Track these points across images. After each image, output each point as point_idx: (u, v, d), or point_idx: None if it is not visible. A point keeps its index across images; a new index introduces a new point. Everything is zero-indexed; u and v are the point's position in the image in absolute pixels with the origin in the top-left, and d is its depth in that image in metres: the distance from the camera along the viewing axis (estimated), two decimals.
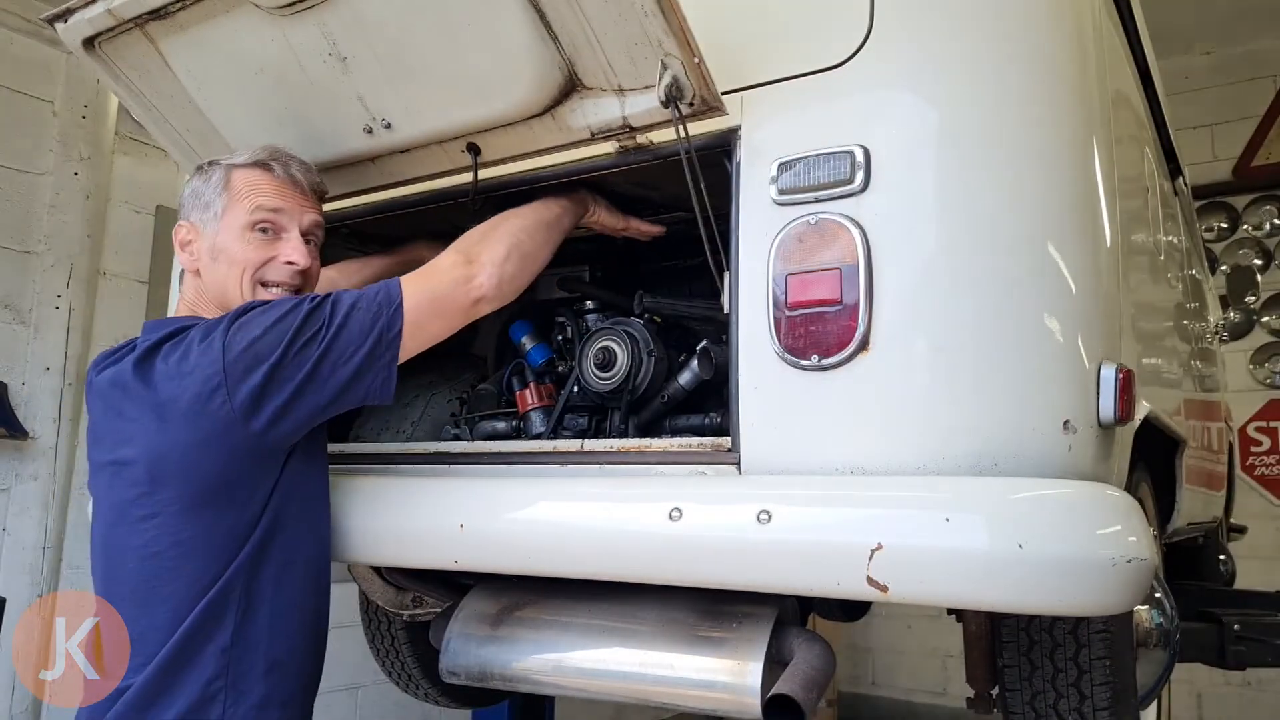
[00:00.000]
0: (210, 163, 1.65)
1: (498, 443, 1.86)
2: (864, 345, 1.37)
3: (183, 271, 1.68)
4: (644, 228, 1.95)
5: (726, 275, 1.52)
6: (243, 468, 1.43)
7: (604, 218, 1.86)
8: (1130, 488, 1.66)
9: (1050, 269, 1.42)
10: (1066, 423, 1.36)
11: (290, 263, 1.59)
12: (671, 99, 1.42)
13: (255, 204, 1.58)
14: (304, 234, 1.62)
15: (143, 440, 1.41)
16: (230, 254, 1.58)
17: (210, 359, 1.39)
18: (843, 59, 1.47)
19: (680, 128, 1.45)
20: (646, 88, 1.46)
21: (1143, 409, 1.71)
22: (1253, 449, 5.33)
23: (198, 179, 1.64)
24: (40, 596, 2.94)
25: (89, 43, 1.75)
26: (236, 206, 1.58)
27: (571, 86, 1.53)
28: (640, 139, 1.57)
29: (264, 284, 1.58)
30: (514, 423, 2.12)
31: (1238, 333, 5.43)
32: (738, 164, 1.51)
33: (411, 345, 1.49)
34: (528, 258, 1.61)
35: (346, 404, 1.48)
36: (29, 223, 3.15)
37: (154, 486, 1.40)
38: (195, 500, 1.40)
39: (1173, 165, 2.83)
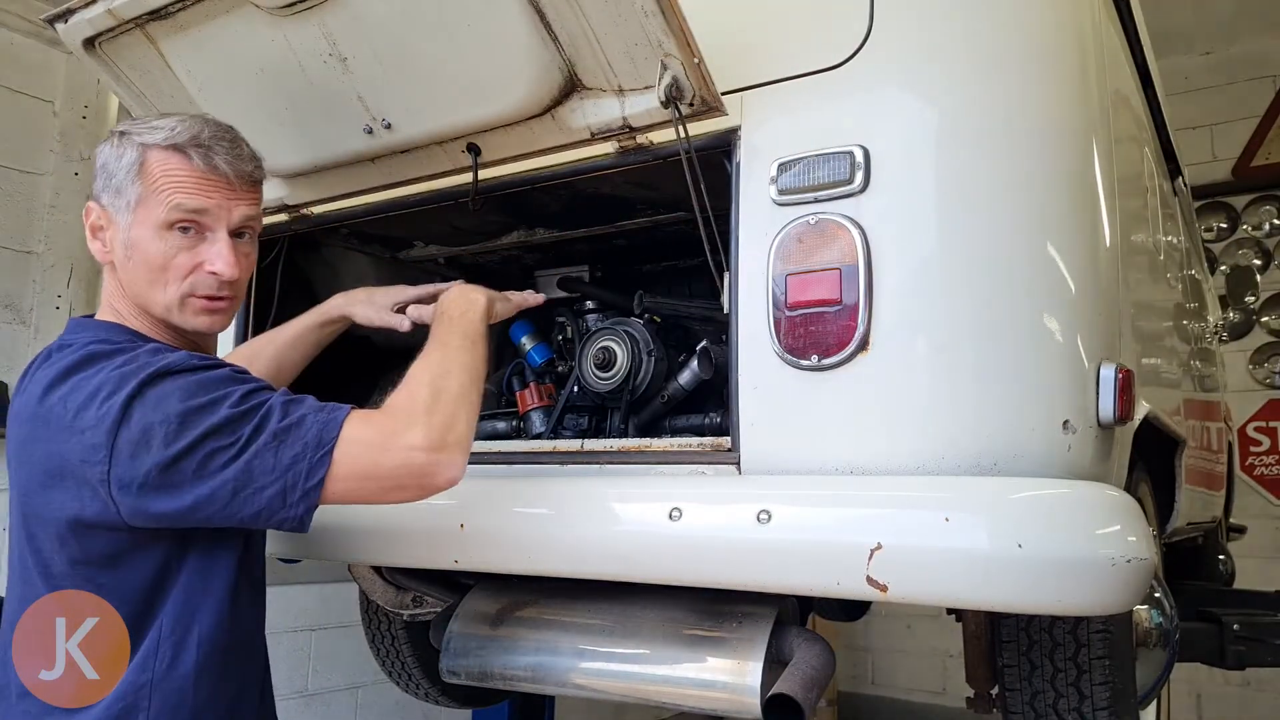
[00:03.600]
0: (123, 132, 1.37)
1: (498, 443, 1.86)
2: (864, 345, 1.37)
3: None
4: (530, 300, 1.77)
5: (726, 275, 1.52)
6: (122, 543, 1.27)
7: (500, 311, 1.64)
8: (1130, 488, 1.66)
9: (1050, 269, 1.42)
10: (1066, 422, 1.36)
11: (214, 273, 1.36)
12: (671, 99, 1.42)
13: (173, 201, 1.32)
14: (233, 232, 1.38)
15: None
16: (147, 255, 1.34)
17: (103, 425, 1.20)
18: (843, 59, 1.47)
19: (680, 128, 1.45)
20: (646, 88, 1.46)
21: (1142, 409, 1.71)
22: (1252, 449, 5.33)
23: (109, 149, 1.37)
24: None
25: (89, 43, 1.75)
26: (152, 200, 1.33)
27: (571, 87, 1.53)
28: (640, 139, 1.57)
29: (193, 297, 1.37)
30: (514, 423, 2.13)
31: (1237, 333, 5.44)
32: (737, 164, 1.52)
33: (334, 499, 1.25)
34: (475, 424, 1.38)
35: (248, 527, 1.29)
36: (29, 223, 3.15)
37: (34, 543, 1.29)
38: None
39: (1172, 165, 2.83)
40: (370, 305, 1.80)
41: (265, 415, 1.22)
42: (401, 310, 1.78)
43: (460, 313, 1.48)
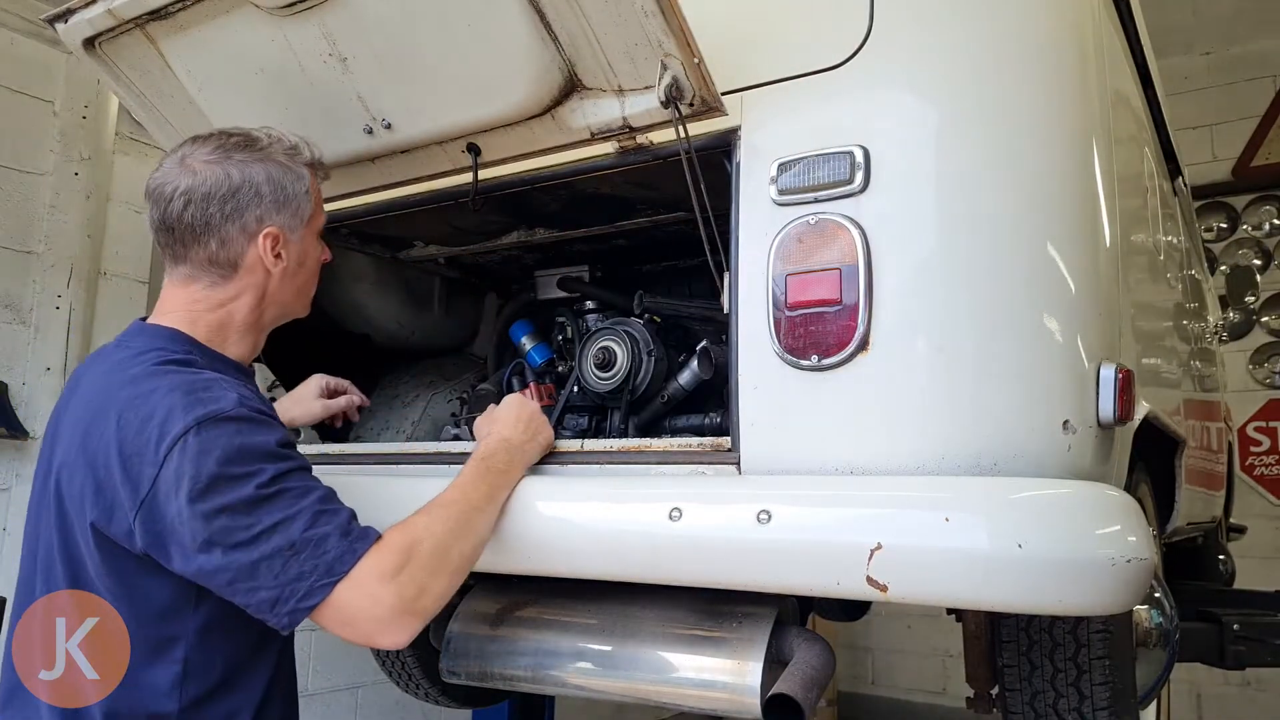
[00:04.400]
0: (292, 149, 1.47)
1: None
2: (863, 345, 1.37)
3: (186, 273, 1.41)
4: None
5: (726, 275, 1.52)
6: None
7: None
8: (1130, 488, 1.66)
9: (1050, 269, 1.42)
10: (1066, 423, 1.36)
11: (330, 260, 1.59)
12: (671, 99, 1.42)
13: (323, 216, 1.55)
14: None
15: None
16: (315, 258, 1.53)
17: (158, 455, 1.21)
18: (842, 59, 1.47)
19: (680, 128, 1.45)
20: (646, 88, 1.46)
21: (1142, 409, 1.71)
22: (1252, 449, 5.33)
23: (275, 169, 1.42)
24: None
25: (89, 43, 1.75)
26: (318, 216, 1.51)
27: (571, 87, 1.53)
28: (640, 139, 1.57)
29: None
30: None
31: (1237, 333, 5.44)
32: (737, 164, 1.51)
33: (315, 620, 1.23)
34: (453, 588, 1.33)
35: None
36: (29, 223, 3.15)
37: None
38: None
39: (1172, 165, 2.83)
40: (300, 408, 1.98)
41: (291, 515, 1.21)
42: (328, 393, 1.99)
43: (503, 466, 1.47)
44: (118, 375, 1.31)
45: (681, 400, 1.88)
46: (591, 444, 1.64)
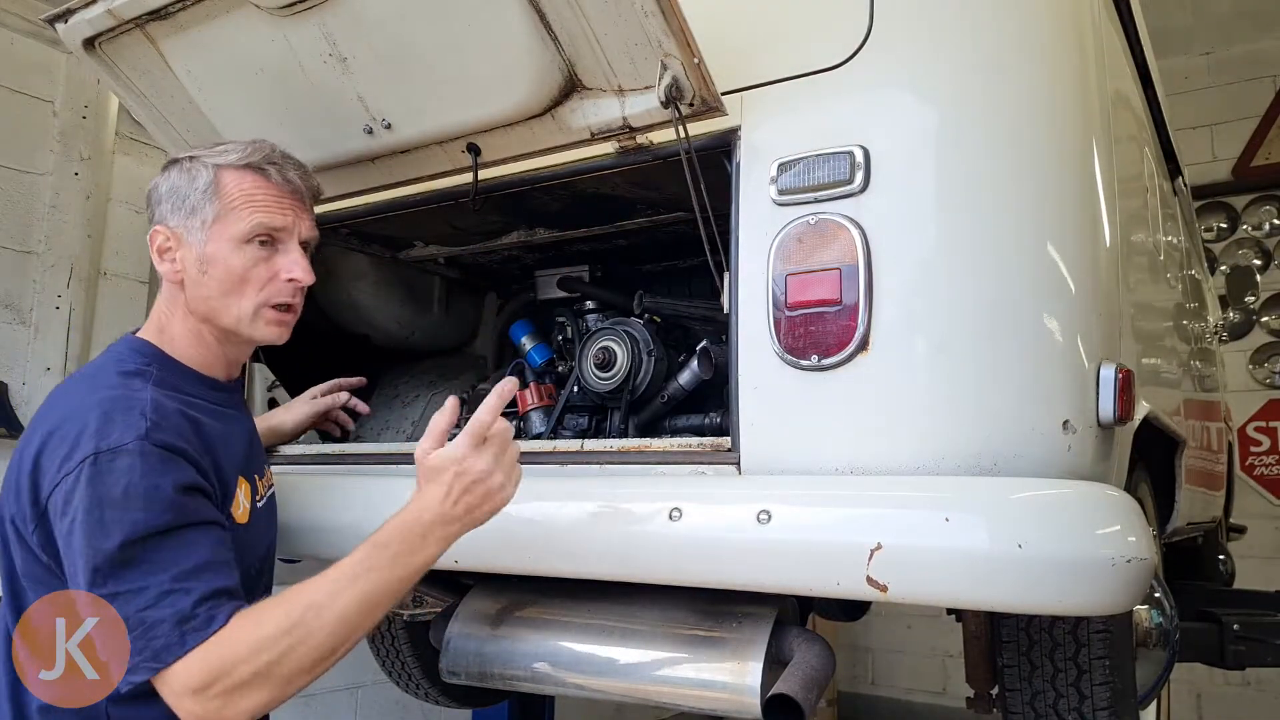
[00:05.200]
0: (190, 157, 1.45)
1: None
2: (863, 345, 1.37)
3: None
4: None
5: (726, 275, 1.52)
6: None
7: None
8: (1130, 488, 1.66)
9: (1050, 269, 1.42)
10: (1066, 423, 1.36)
11: (293, 279, 1.43)
12: (671, 99, 1.42)
13: (255, 219, 1.41)
14: (301, 244, 1.47)
15: None
16: (225, 268, 1.40)
17: (44, 492, 1.25)
18: (843, 59, 1.47)
19: (680, 128, 1.45)
20: (646, 88, 1.46)
21: (1142, 409, 1.71)
22: (1252, 449, 5.33)
23: (176, 174, 1.44)
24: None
25: (89, 43, 1.75)
26: (231, 217, 1.40)
27: (571, 87, 1.53)
28: (640, 139, 1.57)
29: (268, 308, 1.43)
30: (514, 423, 2.12)
31: (1237, 333, 5.44)
32: (737, 164, 1.51)
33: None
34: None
35: None
36: (29, 223, 3.15)
37: None
38: None
39: (1172, 165, 2.83)
40: (289, 413, 1.97)
41: (138, 589, 1.18)
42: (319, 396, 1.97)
43: (399, 555, 1.22)
44: (71, 383, 1.38)
45: (681, 400, 1.88)
46: (591, 444, 1.64)
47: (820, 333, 1.39)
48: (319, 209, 1.97)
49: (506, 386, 1.33)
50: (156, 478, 1.22)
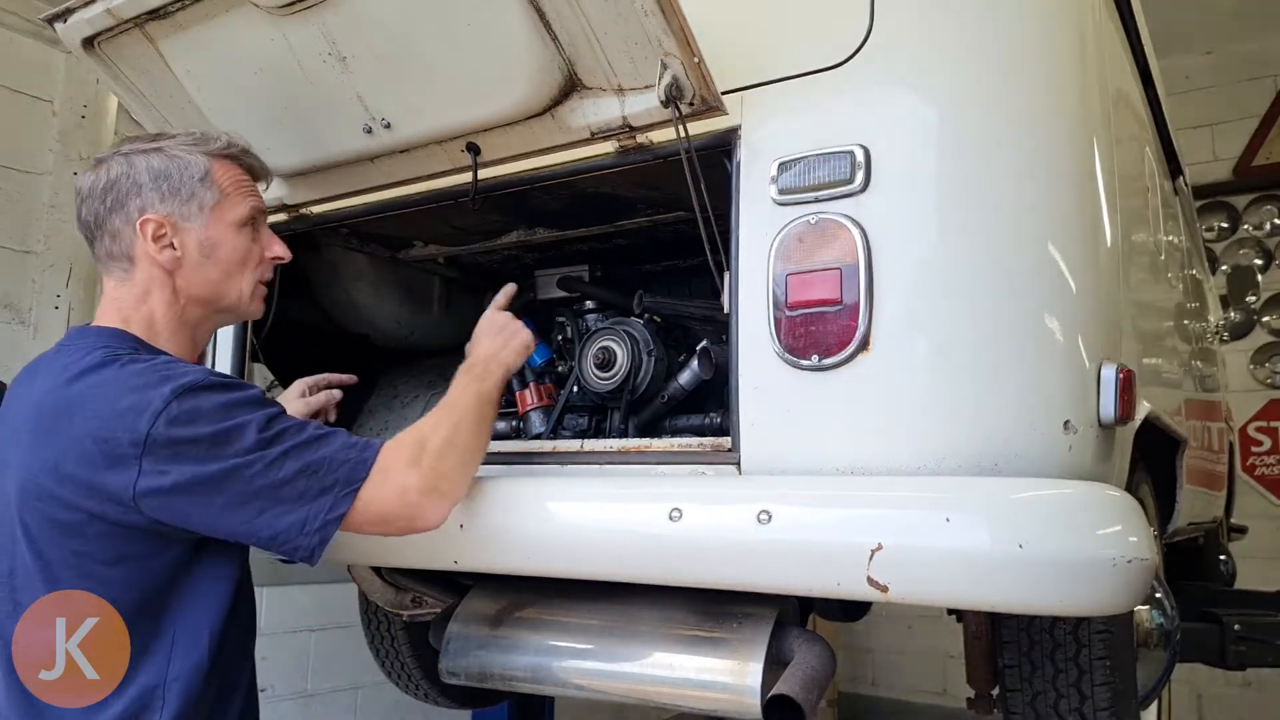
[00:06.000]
0: (159, 149, 1.47)
1: (497, 443, 1.85)
2: (864, 345, 1.37)
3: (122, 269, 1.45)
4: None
5: (726, 275, 1.52)
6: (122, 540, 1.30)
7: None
8: (1131, 488, 1.66)
9: (1051, 269, 1.42)
10: (1067, 423, 1.36)
11: (277, 258, 1.56)
12: (671, 99, 1.41)
13: (250, 205, 1.51)
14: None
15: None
16: (229, 250, 1.47)
17: (145, 415, 1.24)
18: (843, 58, 1.47)
19: (680, 127, 1.45)
20: (646, 87, 1.46)
21: (1143, 409, 1.70)
22: (1253, 449, 5.33)
23: (158, 159, 1.45)
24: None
25: (88, 42, 1.75)
26: (228, 203, 1.47)
27: (571, 86, 1.52)
28: (640, 139, 1.57)
29: (260, 284, 1.55)
30: (514, 423, 2.12)
31: (1238, 333, 5.43)
32: (738, 164, 1.51)
33: (347, 529, 1.32)
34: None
35: (261, 548, 1.34)
36: (28, 222, 3.15)
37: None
38: None
39: (1173, 165, 2.83)
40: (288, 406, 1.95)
41: (298, 443, 1.29)
42: (308, 393, 1.99)
43: (482, 374, 1.55)
44: (65, 375, 1.33)
45: (682, 400, 1.88)
46: (591, 444, 1.64)
47: (821, 332, 1.39)
48: (319, 209, 1.98)
49: (509, 288, 1.78)
50: (242, 390, 1.33)
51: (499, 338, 1.63)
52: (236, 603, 1.39)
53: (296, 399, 1.98)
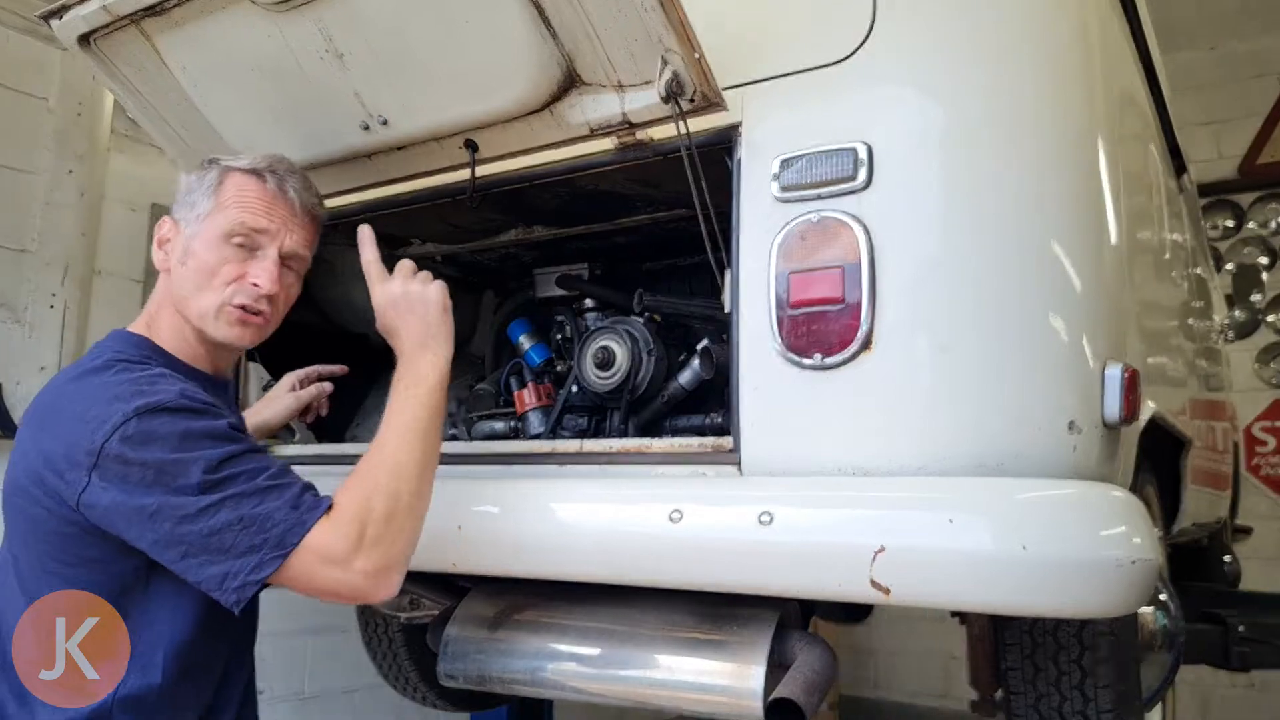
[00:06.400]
0: (211, 160, 1.51)
1: (496, 443, 1.85)
2: (867, 344, 1.36)
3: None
4: None
5: (727, 273, 1.51)
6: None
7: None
8: (1135, 488, 1.66)
9: (1055, 267, 1.41)
10: (1071, 423, 1.35)
11: (255, 285, 1.43)
12: (672, 95, 1.41)
13: (238, 218, 1.43)
14: (284, 257, 1.47)
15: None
16: (201, 260, 1.42)
17: (102, 429, 1.23)
18: (845, 54, 1.46)
19: (680, 124, 1.44)
20: (646, 84, 1.45)
21: (1148, 409, 1.70)
22: (1258, 449, 5.32)
23: (195, 174, 1.50)
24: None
25: (84, 39, 1.74)
26: (220, 213, 1.44)
27: (570, 82, 1.52)
28: (640, 135, 1.56)
29: (230, 306, 1.43)
30: (512, 423, 2.12)
31: (1243, 332, 5.42)
32: (739, 161, 1.50)
33: (283, 586, 1.26)
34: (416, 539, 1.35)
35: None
36: (23, 221, 3.13)
37: None
38: None
39: (1178, 163, 2.82)
40: (271, 407, 1.94)
41: (239, 493, 1.23)
42: (299, 387, 1.95)
43: (415, 382, 1.43)
44: (70, 374, 1.37)
45: (682, 400, 1.87)
46: (591, 444, 1.63)
47: (823, 331, 1.38)
48: None
49: (365, 229, 1.56)
50: (207, 421, 1.28)
51: (417, 320, 1.48)
52: (208, 617, 1.34)
53: (287, 393, 1.97)
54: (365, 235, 1.55)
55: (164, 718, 1.32)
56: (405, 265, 1.53)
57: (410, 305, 1.48)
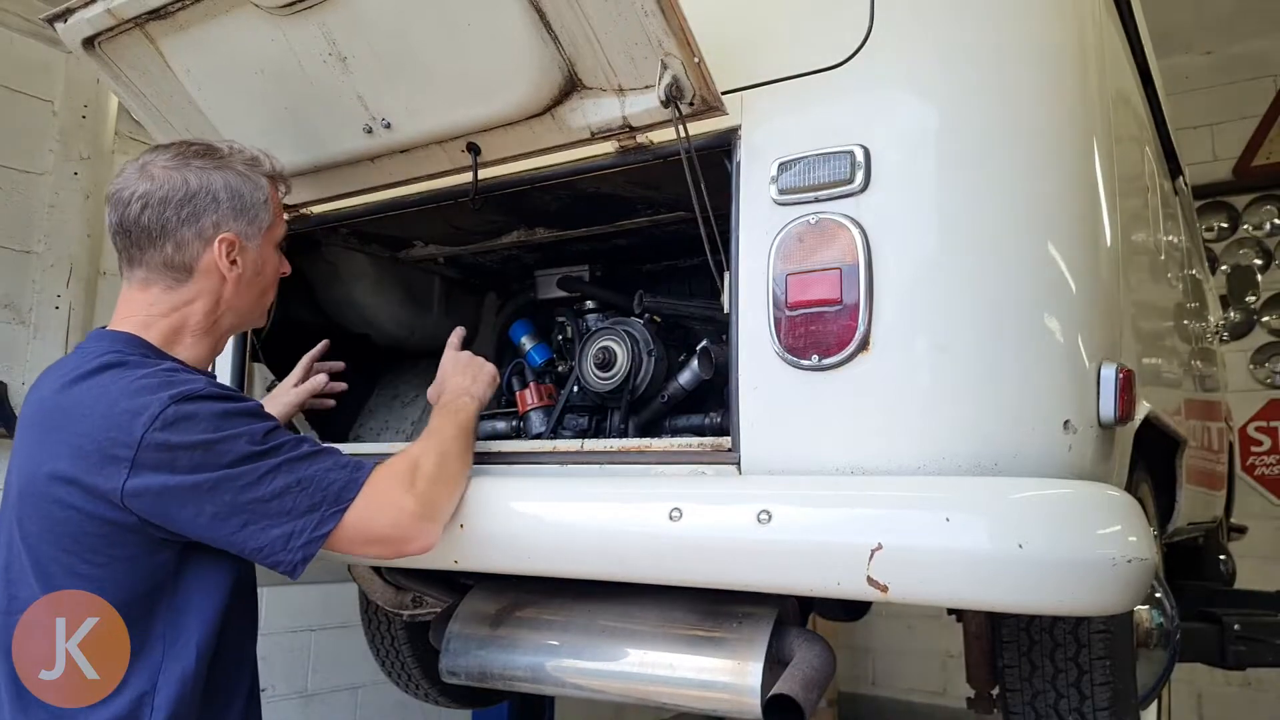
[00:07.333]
0: (219, 155, 1.49)
1: (498, 443, 1.86)
2: (864, 345, 1.37)
3: (146, 279, 1.45)
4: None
5: (727, 275, 1.52)
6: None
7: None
8: (1130, 487, 1.66)
9: (1050, 269, 1.42)
10: (1067, 422, 1.36)
11: (285, 273, 1.63)
12: (671, 99, 1.41)
13: (284, 228, 1.60)
14: None
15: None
16: (272, 269, 1.57)
17: (141, 418, 1.25)
18: (843, 58, 1.47)
19: (680, 127, 1.45)
20: (646, 87, 1.46)
21: (1143, 409, 1.70)
22: (1253, 449, 5.33)
23: (234, 178, 1.48)
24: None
25: (89, 42, 1.75)
26: (277, 226, 1.57)
27: (571, 86, 1.52)
28: (640, 139, 1.57)
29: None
30: (514, 423, 2.12)
31: (1238, 332, 5.43)
32: (738, 164, 1.51)
33: (334, 548, 1.34)
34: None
35: (247, 558, 1.35)
36: (29, 222, 3.15)
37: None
38: None
39: (1173, 165, 2.83)
40: (281, 398, 1.97)
41: (291, 458, 1.31)
42: (301, 381, 1.99)
43: (455, 410, 1.61)
44: (71, 376, 1.35)
45: (682, 400, 1.88)
46: (591, 444, 1.64)
47: (821, 332, 1.39)
48: (319, 208, 1.98)
49: (460, 331, 1.83)
50: (240, 403, 1.35)
51: (466, 374, 1.70)
52: (230, 611, 1.38)
53: (289, 392, 1.98)
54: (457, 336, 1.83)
55: (199, 708, 1.33)
56: (461, 333, 1.84)
57: (469, 365, 1.73)
